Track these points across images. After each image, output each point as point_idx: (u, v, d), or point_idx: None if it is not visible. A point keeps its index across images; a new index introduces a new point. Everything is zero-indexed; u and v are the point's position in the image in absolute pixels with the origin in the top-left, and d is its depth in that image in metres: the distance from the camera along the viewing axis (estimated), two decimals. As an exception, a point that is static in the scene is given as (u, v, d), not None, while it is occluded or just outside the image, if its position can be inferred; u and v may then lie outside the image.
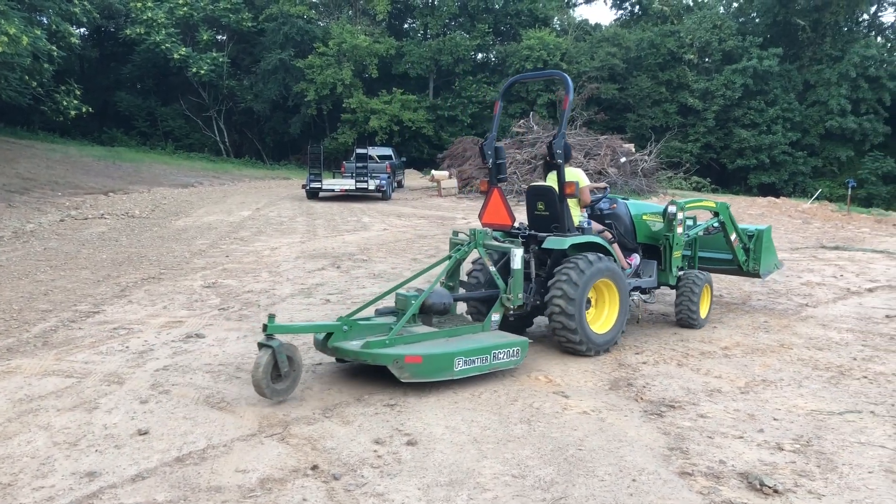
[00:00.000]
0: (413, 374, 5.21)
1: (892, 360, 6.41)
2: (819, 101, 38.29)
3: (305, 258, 11.53)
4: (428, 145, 42.35)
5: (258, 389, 4.93)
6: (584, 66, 40.04)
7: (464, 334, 5.90)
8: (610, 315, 6.51)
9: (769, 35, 40.38)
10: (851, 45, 38.28)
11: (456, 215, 19.17)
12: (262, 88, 41.62)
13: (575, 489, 3.82)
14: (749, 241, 8.17)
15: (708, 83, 38.85)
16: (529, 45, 40.51)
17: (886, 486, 3.95)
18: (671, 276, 7.46)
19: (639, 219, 7.51)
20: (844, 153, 38.05)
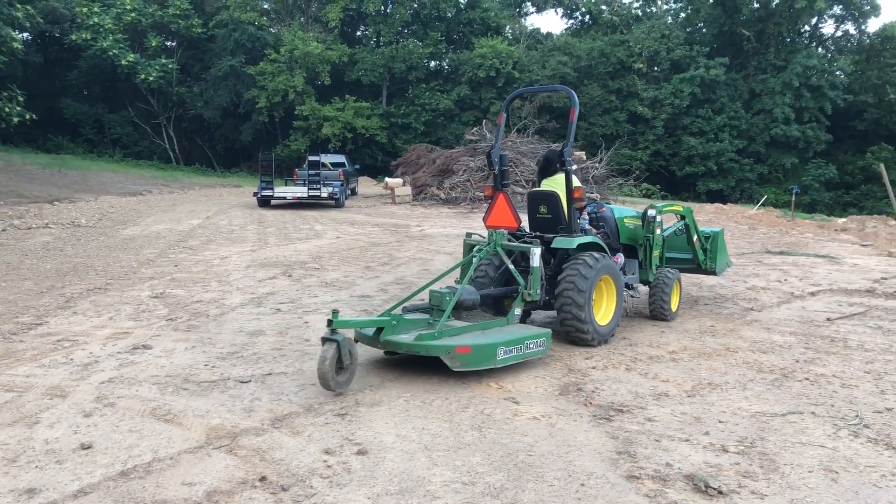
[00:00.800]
0: (463, 363, 5.66)
1: (832, 361, 6.59)
2: (764, 109, 39.25)
3: (256, 267, 11.41)
4: (382, 152, 42.30)
5: (323, 382, 5.26)
6: (536, 75, 40.44)
7: (493, 327, 6.42)
8: (608, 308, 7.13)
9: (716, 45, 41.28)
10: (794, 55, 39.35)
11: (410, 223, 19.16)
12: (212, 95, 41.14)
13: (524, 495, 3.84)
14: (706, 242, 9.03)
15: (657, 92, 39.54)
16: (482, 54, 40.78)
17: (825, 484, 4.06)
18: (651, 273, 8.17)
19: (621, 222, 8.14)
20: (789, 160, 39.04)
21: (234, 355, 6.39)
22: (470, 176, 26.38)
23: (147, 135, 43.35)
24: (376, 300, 8.95)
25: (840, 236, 17.72)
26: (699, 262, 8.98)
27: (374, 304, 8.66)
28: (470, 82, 41.71)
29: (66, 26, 38.95)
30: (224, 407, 5.09)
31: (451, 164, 27.52)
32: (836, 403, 5.42)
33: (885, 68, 40.90)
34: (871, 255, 14.57)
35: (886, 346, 7.19)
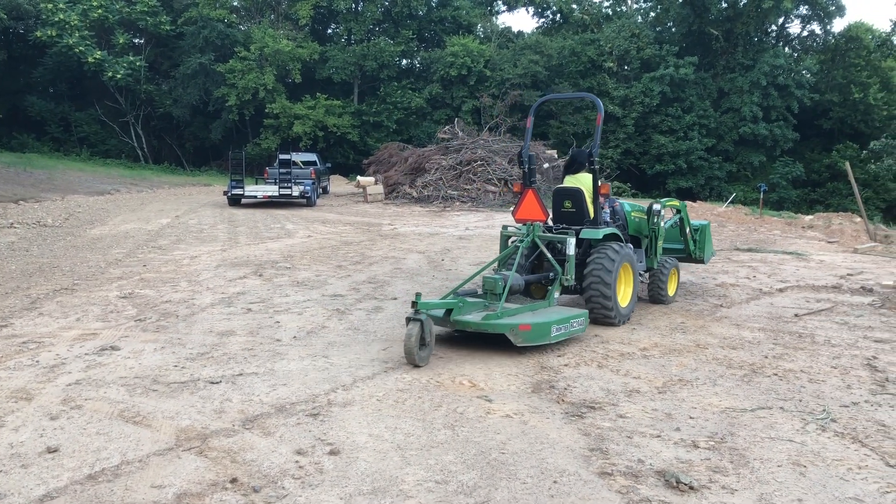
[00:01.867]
0: (524, 339, 6.40)
1: (800, 357, 6.68)
2: (732, 108, 39.66)
3: (226, 266, 11.31)
4: (353, 151, 42.11)
5: (409, 356, 5.98)
6: (508, 74, 40.51)
7: (539, 309, 7.15)
8: (626, 292, 7.97)
9: (685, 44, 41.64)
10: (761, 54, 39.79)
11: (382, 221, 19.11)
12: (181, 93, 40.66)
13: (497, 493, 3.85)
14: (696, 234, 9.96)
15: (627, 90, 39.80)
16: (454, 52, 40.76)
17: (794, 478, 4.11)
18: (656, 260, 9.01)
19: (629, 216, 8.89)
20: (757, 158, 39.51)
21: (204, 356, 6.33)
22: (442, 174, 26.37)
23: (115, 133, 42.75)
24: (349, 299, 8.91)
25: (807, 233, 17.98)
26: (690, 251, 9.90)
27: (346, 304, 8.62)
28: (442, 80, 41.68)
29: (31, 23, 38.25)
30: (194, 408, 5.03)
31: (424, 162, 27.50)
32: (804, 398, 5.49)
33: (849, 68, 41.56)
34: (837, 251, 14.81)
35: (852, 341, 7.31)
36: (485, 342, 6.79)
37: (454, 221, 19.61)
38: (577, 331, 6.99)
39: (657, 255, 9.02)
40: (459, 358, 6.37)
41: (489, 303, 7.01)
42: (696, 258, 10.02)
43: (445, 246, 14.23)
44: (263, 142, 40.93)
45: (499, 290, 6.95)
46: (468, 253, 13.27)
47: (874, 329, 7.85)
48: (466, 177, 26.24)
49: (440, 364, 6.16)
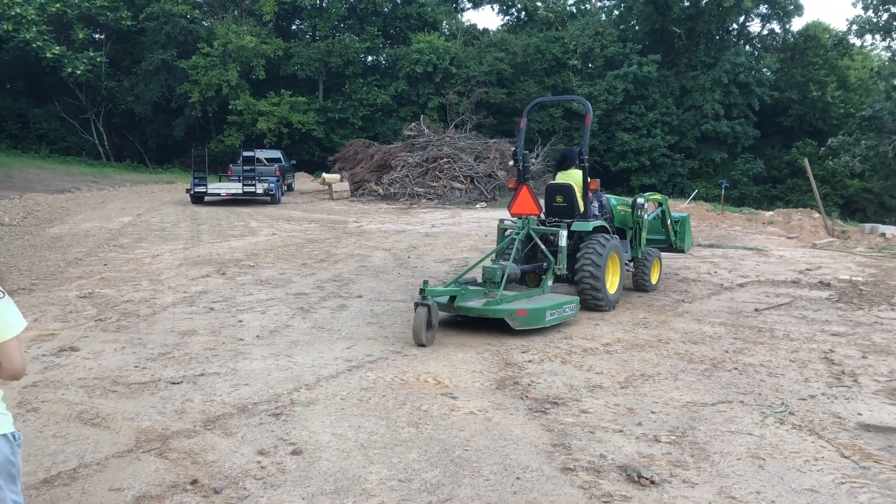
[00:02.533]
0: (522, 323, 6.95)
1: (759, 351, 6.78)
2: (695, 105, 40.13)
3: (189, 265, 11.17)
4: (319, 148, 41.81)
5: (418, 337, 6.55)
6: (473, 71, 40.54)
7: (535, 295, 7.72)
8: (614, 280, 8.53)
9: (648, 42, 42.01)
10: (723, 52, 40.30)
11: (348, 219, 19.02)
12: (143, 90, 40.03)
13: (460, 490, 3.85)
14: (676, 226, 10.56)
15: (591, 88, 40.06)
16: (419, 49, 40.69)
17: (753, 471, 4.17)
18: (640, 251, 9.54)
19: (616, 209, 9.38)
20: (719, 155, 40.02)
21: (166, 356, 6.25)
22: (408, 172, 26.33)
23: (75, 130, 41.94)
24: (313, 297, 8.85)
25: (767, 229, 18.28)
26: (671, 242, 10.53)
27: (310, 302, 8.57)
28: (407, 77, 41.58)
29: (-14, 17, 37.39)
30: (154, 409, 4.97)
31: (390, 159, 27.42)
32: (764, 392, 5.58)
33: (808, 66, 42.27)
34: (797, 247, 15.08)
35: (810, 335, 7.44)
36: (485, 326, 6.81)
37: (420, 219, 19.59)
38: (569, 315, 7.55)
39: (641, 246, 9.56)
40: (424, 356, 6.37)
41: (489, 290, 7.53)
42: (677, 248, 10.69)
43: (412, 243, 14.21)
44: (227, 139, 40.47)
45: (497, 279, 7.50)
46: (434, 250, 13.27)
47: (831, 323, 8.00)
48: (433, 174, 26.23)
49: (405, 362, 6.16)
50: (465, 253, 12.94)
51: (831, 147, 30.88)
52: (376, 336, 7.05)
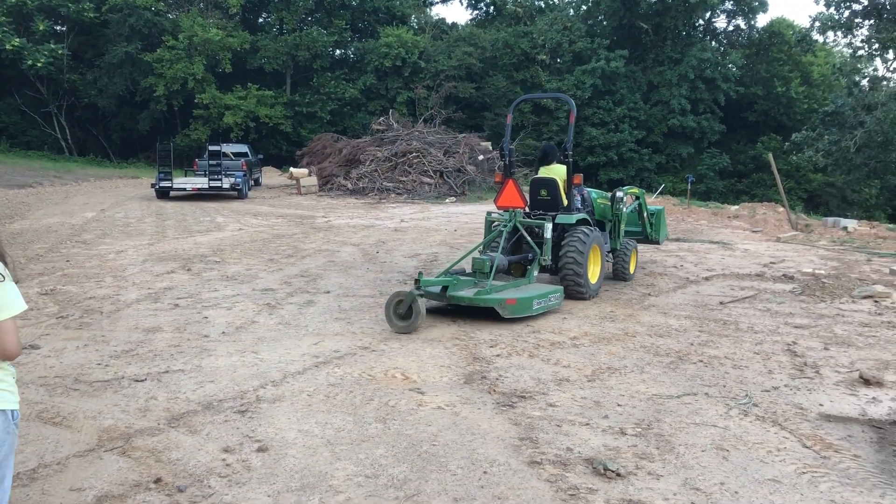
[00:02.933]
0: (510, 311, 7.28)
1: (724, 344, 6.86)
2: (662, 100, 40.48)
3: (154, 261, 11.02)
4: (286, 142, 41.49)
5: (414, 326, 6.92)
6: (442, 65, 40.49)
7: (521, 285, 8.05)
8: (595, 270, 8.85)
9: (615, 38, 42.28)
10: (689, 48, 40.68)
11: (316, 214, 18.90)
12: (107, 83, 39.36)
13: (427, 485, 3.84)
14: (652, 218, 10.91)
15: (560, 83, 40.22)
16: (388, 43, 40.51)
17: (717, 462, 4.22)
18: (619, 242, 9.91)
19: (596, 202, 9.72)
20: (685, 150, 40.43)
21: (129, 353, 6.16)
22: (377, 166, 26.22)
23: (37, 124, 41.12)
24: (280, 293, 8.78)
25: (732, 223, 18.50)
26: (647, 233, 10.89)
27: (277, 298, 8.50)
28: (376, 71, 41.38)
29: (-57, 8, 36.51)
30: (118, 407, 4.89)
31: (358, 153, 27.29)
32: (728, 384, 5.65)
33: (772, 62, 42.82)
34: (761, 240, 15.28)
35: (774, 327, 7.55)
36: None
37: (389, 213, 19.53)
38: (554, 305, 7.89)
39: (620, 238, 9.93)
40: (392, 351, 6.35)
41: (478, 280, 7.85)
42: (653, 240, 11.07)
43: (380, 238, 14.17)
44: (193, 133, 39.97)
45: (486, 270, 7.82)
46: (403, 245, 13.24)
47: (794, 315, 8.12)
48: (402, 168, 26.16)
49: (373, 358, 6.13)
50: (434, 248, 12.93)
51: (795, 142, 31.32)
52: (344, 332, 7.02)
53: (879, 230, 17.49)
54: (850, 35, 28.85)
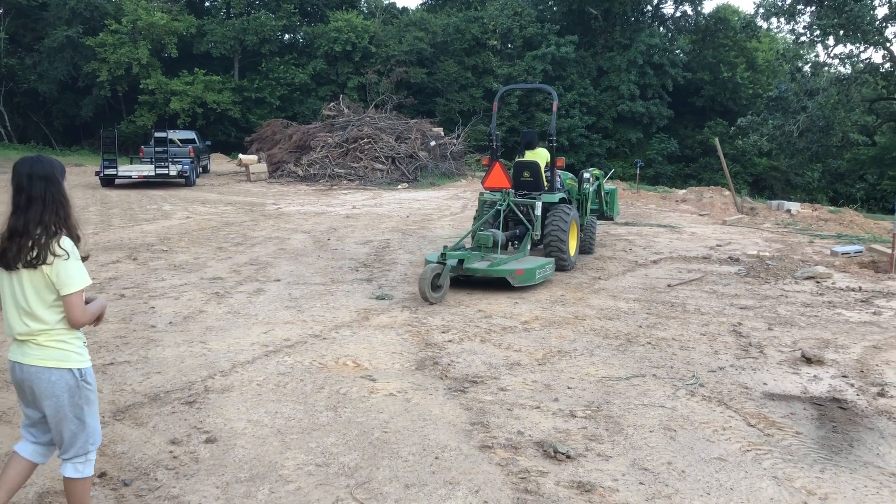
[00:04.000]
0: (519, 281, 8.14)
1: (672, 325, 6.98)
2: (611, 86, 40.83)
3: (99, 251, 10.76)
4: (235, 128, 40.79)
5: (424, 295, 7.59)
6: (393, 50, 40.20)
7: (520, 258, 8.85)
8: (573, 244, 9.66)
9: (565, 23, 42.45)
10: (638, 34, 41.07)
11: (266, 201, 18.66)
12: (47, 68, 38.20)
13: (379, 472, 3.83)
14: (607, 197, 11.78)
15: (511, 68, 40.30)
16: (337, 27, 40.04)
17: (665, 442, 4.29)
18: (585, 219, 10.80)
19: (565, 183, 10.56)
20: (635, 135, 40.90)
21: (73, 345, 5.99)
22: (328, 152, 25.98)
23: (-27, 111, 39.84)
24: (229, 282, 8.65)
25: (680, 207, 18.81)
26: (603, 211, 11.78)
27: (226, 287, 8.38)
28: (326, 56, 40.89)
29: None
30: (60, 401, 4.76)
31: (309, 139, 27.00)
32: (675, 365, 5.75)
33: (718, 48, 43.48)
34: (708, 223, 15.56)
35: (720, 308, 7.70)
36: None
37: (341, 200, 19.39)
38: (549, 275, 8.72)
39: (586, 215, 10.86)
40: (343, 339, 6.31)
41: (484, 254, 8.60)
42: (608, 216, 12.09)
43: (332, 225, 14.05)
44: (139, 119, 39.05)
45: (490, 244, 8.62)
46: (355, 232, 13.15)
47: (740, 297, 8.30)
48: (353, 154, 25.96)
49: (324, 346, 6.09)
50: (386, 234, 12.87)
51: (741, 127, 31.90)
52: (294, 320, 6.95)
53: (821, 212, 17.96)
54: (792, 21, 29.41)
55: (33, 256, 2.91)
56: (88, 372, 3.09)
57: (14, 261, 2.93)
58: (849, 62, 28.64)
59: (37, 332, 2.99)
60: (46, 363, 2.99)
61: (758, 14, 30.60)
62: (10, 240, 2.95)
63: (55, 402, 3.00)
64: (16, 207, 3.01)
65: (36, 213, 2.96)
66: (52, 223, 2.97)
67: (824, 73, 29.63)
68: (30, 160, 3.09)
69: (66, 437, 3.05)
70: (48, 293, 2.96)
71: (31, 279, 2.94)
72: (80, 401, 3.04)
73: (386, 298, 7.89)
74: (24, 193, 3.00)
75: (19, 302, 2.98)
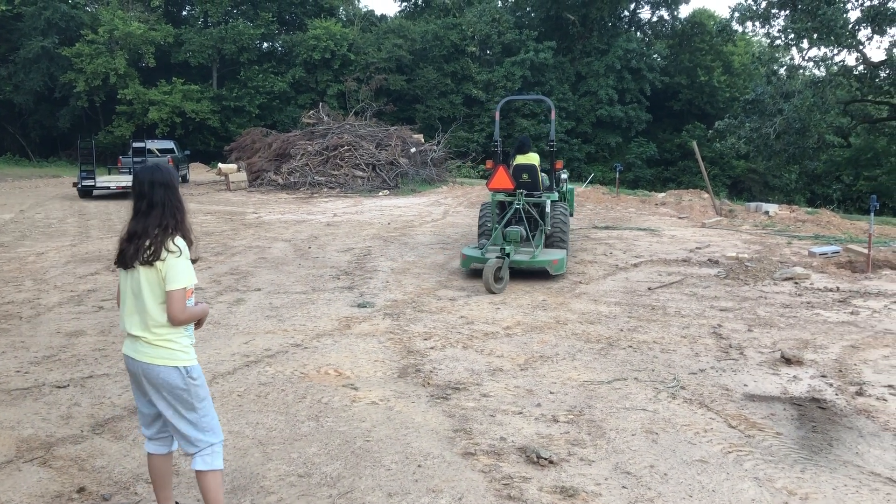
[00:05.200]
0: (555, 270, 9.23)
1: (653, 329, 7.01)
2: (590, 91, 41.08)
3: (77, 263, 10.66)
4: (214, 137, 40.62)
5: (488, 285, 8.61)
6: (372, 58, 40.22)
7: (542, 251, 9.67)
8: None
9: (543, 29, 42.67)
10: (615, 39, 41.38)
11: (246, 210, 18.57)
12: (22, 79, 37.88)
13: (361, 481, 3.82)
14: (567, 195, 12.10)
15: (490, 75, 40.44)
16: (316, 35, 40.02)
17: (647, 445, 4.31)
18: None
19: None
20: (614, 139, 41.16)
21: (51, 359, 5.94)
22: (309, 160, 25.88)
23: (-52, 122, 39.38)
24: (209, 292, 8.60)
25: (659, 210, 18.91)
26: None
27: (206, 297, 8.32)
28: (305, 64, 40.84)
29: None
30: (38, 415, 4.72)
31: (289, 148, 26.89)
32: (657, 368, 5.77)
33: (695, 52, 43.90)
34: (687, 226, 15.65)
35: (700, 311, 7.75)
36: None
37: (322, 208, 19.33)
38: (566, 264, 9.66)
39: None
40: (325, 348, 6.29)
41: (516, 248, 9.41)
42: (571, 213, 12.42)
43: (313, 233, 14.01)
44: (116, 129, 38.79)
45: (520, 239, 9.49)
46: (336, 240, 13.11)
47: (719, 299, 8.35)
48: (334, 162, 25.89)
49: (305, 355, 6.06)
50: (367, 242, 12.85)
51: (718, 130, 32.12)
52: (275, 329, 6.92)
53: (799, 214, 18.14)
54: (767, 25, 29.68)
55: (150, 253, 3.10)
56: (195, 369, 3.25)
57: (132, 259, 3.13)
58: (823, 65, 28.92)
59: (148, 329, 3.16)
60: (155, 361, 3.17)
61: (733, 18, 30.84)
62: (129, 241, 3.16)
63: (166, 399, 3.19)
64: (137, 212, 3.20)
65: (156, 217, 3.15)
66: (170, 225, 3.17)
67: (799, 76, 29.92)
68: (150, 169, 3.28)
69: (183, 432, 3.23)
70: (160, 290, 3.13)
71: (147, 276, 3.13)
72: (189, 397, 3.20)
73: (367, 306, 7.87)
74: (146, 199, 3.18)
75: (134, 299, 3.16)
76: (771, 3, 28.71)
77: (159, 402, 3.21)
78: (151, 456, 3.37)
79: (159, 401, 3.20)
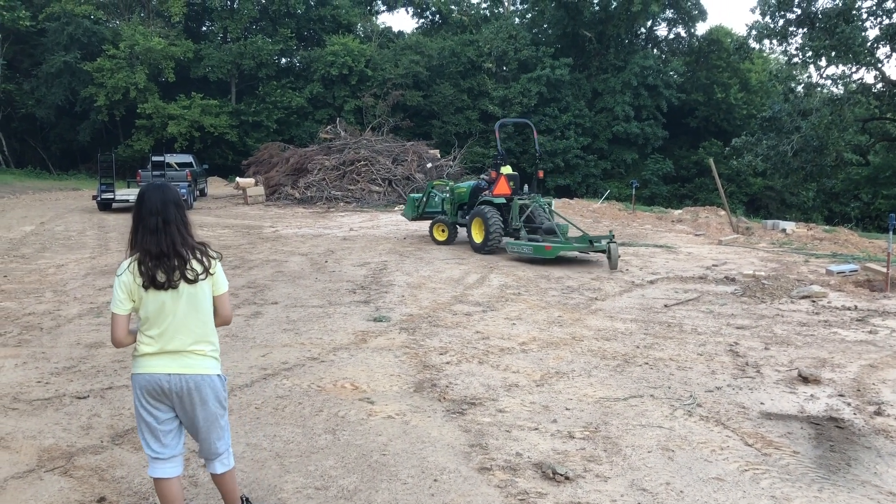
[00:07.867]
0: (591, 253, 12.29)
1: (669, 346, 7.00)
2: (606, 107, 41.10)
3: (96, 275, 10.78)
4: (232, 151, 40.96)
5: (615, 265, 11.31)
6: (389, 73, 40.47)
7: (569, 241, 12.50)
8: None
9: (560, 46, 42.80)
10: (632, 56, 41.42)
11: (263, 224, 18.70)
12: (45, 93, 38.41)
13: (378, 495, 3.84)
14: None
15: (506, 91, 40.57)
16: (334, 51, 40.34)
17: (663, 463, 4.30)
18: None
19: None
20: (630, 156, 41.11)
21: (71, 370, 6.01)
22: (325, 175, 26.07)
23: (-30, 136, 39.92)
24: (227, 305, 8.65)
25: (676, 227, 18.87)
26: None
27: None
28: (323, 80, 41.16)
29: None
30: (59, 426, 4.78)
31: (306, 162, 27.10)
32: (673, 385, 5.76)
33: (712, 69, 43.85)
34: (704, 243, 15.61)
35: (716, 328, 7.73)
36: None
37: (338, 222, 19.44)
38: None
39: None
40: (341, 361, 6.32)
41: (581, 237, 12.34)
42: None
43: (329, 247, 14.09)
44: (136, 143, 39.21)
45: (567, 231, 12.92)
46: (352, 254, 13.18)
47: (736, 316, 8.33)
48: (350, 177, 26.06)
49: (322, 368, 6.10)
50: (383, 256, 12.90)
51: (735, 147, 32.06)
52: (292, 342, 6.96)
53: (816, 231, 18.03)
54: (784, 43, 29.63)
55: (199, 272, 3.25)
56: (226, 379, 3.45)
57: (172, 280, 3.19)
58: (841, 83, 28.82)
59: (205, 341, 3.27)
60: (208, 371, 3.27)
61: (750, 36, 30.86)
62: (159, 260, 3.18)
63: (210, 408, 3.26)
64: (153, 230, 3.20)
65: (177, 236, 3.22)
66: (192, 242, 3.30)
67: (817, 94, 29.81)
68: (160, 187, 3.32)
69: (214, 438, 3.32)
70: (208, 303, 3.30)
71: (202, 289, 3.27)
72: (224, 402, 3.36)
73: (384, 320, 7.91)
74: (160, 217, 3.21)
75: (186, 315, 3.22)
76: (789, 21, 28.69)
77: (201, 413, 3.24)
78: (167, 481, 3.29)
79: (202, 412, 3.24)
